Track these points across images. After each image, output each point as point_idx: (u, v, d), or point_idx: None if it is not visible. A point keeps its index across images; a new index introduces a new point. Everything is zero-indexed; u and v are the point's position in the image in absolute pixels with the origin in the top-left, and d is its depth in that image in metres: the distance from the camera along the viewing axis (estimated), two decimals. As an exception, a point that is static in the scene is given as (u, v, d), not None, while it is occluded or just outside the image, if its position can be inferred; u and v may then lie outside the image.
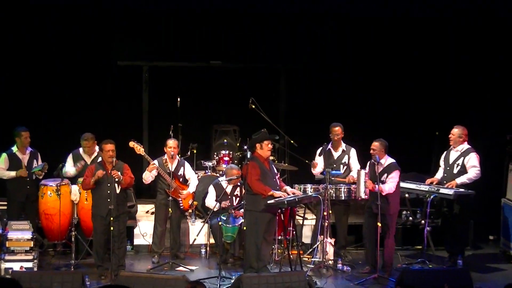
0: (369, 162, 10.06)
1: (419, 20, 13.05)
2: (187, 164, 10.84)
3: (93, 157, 10.58)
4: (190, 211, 11.27)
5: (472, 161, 10.26)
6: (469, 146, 10.39)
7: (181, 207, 10.55)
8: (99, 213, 9.52)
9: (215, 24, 13.07)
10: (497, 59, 12.47)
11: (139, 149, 10.30)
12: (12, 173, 10.34)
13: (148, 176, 10.49)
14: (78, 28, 12.58)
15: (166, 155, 10.50)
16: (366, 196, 9.76)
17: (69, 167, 10.56)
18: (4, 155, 10.38)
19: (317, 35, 13.20)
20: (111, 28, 12.91)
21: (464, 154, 10.34)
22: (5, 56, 12.44)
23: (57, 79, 12.72)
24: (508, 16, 12.31)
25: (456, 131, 10.41)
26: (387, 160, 9.84)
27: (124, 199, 9.75)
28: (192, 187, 10.72)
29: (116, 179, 9.35)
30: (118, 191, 9.45)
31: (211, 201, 10.71)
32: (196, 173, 11.28)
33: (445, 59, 12.88)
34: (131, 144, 10.26)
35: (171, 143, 10.49)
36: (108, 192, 9.41)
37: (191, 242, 11.10)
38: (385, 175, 9.76)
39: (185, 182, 10.67)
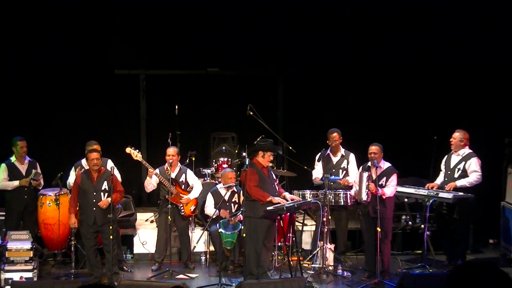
0: (362, 166, 10.06)
1: (414, 21, 12.97)
2: (189, 171, 10.83)
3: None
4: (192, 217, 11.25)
5: (473, 166, 10.26)
6: (470, 151, 10.38)
7: (182, 213, 10.51)
8: (86, 220, 9.53)
9: (212, 31, 13.06)
10: (495, 61, 12.44)
11: (136, 155, 10.24)
12: (16, 183, 10.34)
13: (148, 183, 10.45)
14: (75, 38, 12.56)
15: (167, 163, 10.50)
16: (368, 199, 9.70)
17: (72, 179, 10.38)
18: (4, 165, 10.40)
19: (314, 40, 13.18)
20: (108, 37, 12.90)
21: (466, 158, 10.33)
22: (2, 66, 12.43)
23: (55, 89, 12.71)
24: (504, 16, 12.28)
25: (457, 135, 10.39)
26: (384, 164, 9.86)
27: (111, 207, 9.51)
28: (194, 193, 10.65)
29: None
30: (103, 199, 9.48)
31: (210, 209, 10.70)
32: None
33: (443, 62, 12.85)
34: (128, 150, 10.21)
35: (170, 151, 10.48)
36: (94, 200, 9.45)
37: (191, 250, 11.07)
38: (384, 178, 9.76)
39: (188, 189, 10.66)
